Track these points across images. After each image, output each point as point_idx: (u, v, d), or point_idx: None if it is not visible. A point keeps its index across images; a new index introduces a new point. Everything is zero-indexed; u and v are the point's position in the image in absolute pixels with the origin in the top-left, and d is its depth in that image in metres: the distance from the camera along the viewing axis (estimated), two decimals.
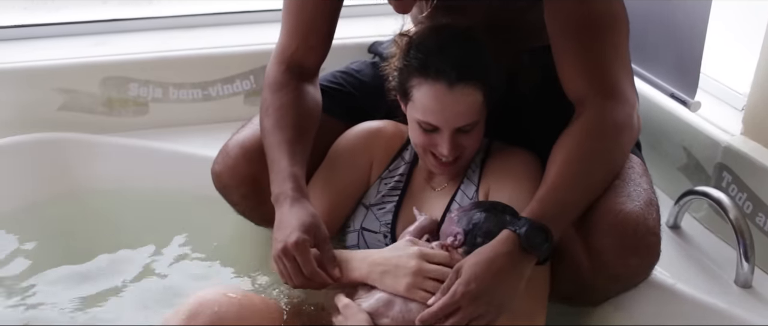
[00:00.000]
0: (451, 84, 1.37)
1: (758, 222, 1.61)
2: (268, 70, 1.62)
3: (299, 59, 1.60)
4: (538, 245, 1.28)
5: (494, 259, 1.27)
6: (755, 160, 1.63)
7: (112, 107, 2.11)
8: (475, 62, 1.39)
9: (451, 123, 1.39)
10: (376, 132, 1.59)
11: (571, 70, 1.44)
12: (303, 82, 1.59)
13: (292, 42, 1.60)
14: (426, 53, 1.40)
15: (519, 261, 1.28)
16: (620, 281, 1.46)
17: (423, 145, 1.45)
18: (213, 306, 1.30)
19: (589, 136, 1.39)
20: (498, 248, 1.28)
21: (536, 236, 1.28)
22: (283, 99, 1.55)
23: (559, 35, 1.44)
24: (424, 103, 1.40)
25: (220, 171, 1.61)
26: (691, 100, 1.71)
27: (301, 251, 1.33)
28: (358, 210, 1.55)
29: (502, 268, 1.27)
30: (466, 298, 1.25)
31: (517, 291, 1.29)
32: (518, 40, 1.52)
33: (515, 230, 1.28)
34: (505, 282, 1.27)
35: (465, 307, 1.25)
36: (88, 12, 2.34)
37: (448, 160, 1.44)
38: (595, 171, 1.39)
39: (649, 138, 1.76)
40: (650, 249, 1.40)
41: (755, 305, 1.49)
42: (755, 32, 1.73)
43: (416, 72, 1.40)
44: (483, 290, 1.25)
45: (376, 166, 1.57)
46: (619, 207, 1.38)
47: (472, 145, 1.45)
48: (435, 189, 1.53)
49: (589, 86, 1.42)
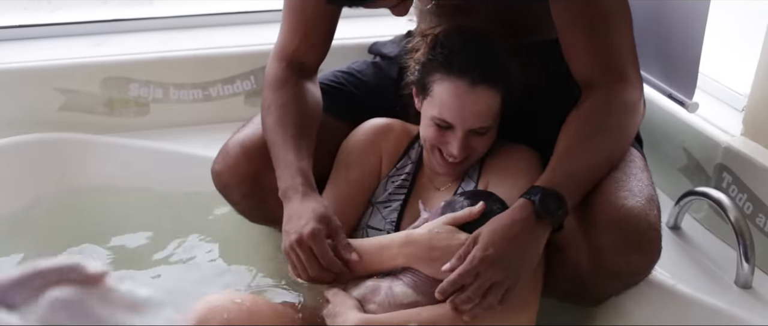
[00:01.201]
0: (473, 82, 1.37)
1: (758, 223, 1.61)
2: (268, 68, 1.62)
3: (300, 57, 1.61)
4: (552, 211, 1.31)
5: (511, 225, 1.29)
6: (755, 161, 1.63)
7: (113, 107, 2.11)
8: (499, 67, 1.40)
9: (467, 122, 1.40)
10: (385, 128, 1.59)
11: (579, 54, 1.46)
12: (303, 79, 1.60)
13: (293, 40, 1.61)
14: (452, 50, 1.40)
15: (535, 227, 1.30)
16: (621, 278, 1.46)
17: (434, 142, 1.45)
18: (222, 313, 1.30)
19: (598, 112, 1.42)
20: (514, 215, 1.30)
21: (550, 202, 1.31)
22: (285, 96, 1.55)
23: (565, 22, 1.46)
24: (444, 98, 1.40)
25: (221, 170, 1.61)
26: (689, 101, 1.71)
27: (317, 240, 1.33)
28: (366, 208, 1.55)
29: (519, 234, 1.29)
30: (484, 263, 1.26)
31: (534, 258, 1.31)
32: (522, 35, 1.53)
33: (530, 197, 1.31)
34: (522, 248, 1.29)
35: (483, 273, 1.26)
36: (88, 12, 2.34)
37: (454, 161, 1.44)
38: (604, 145, 1.42)
39: (649, 138, 1.76)
40: (651, 245, 1.41)
41: (755, 305, 1.50)
42: (755, 33, 1.73)
43: (440, 67, 1.41)
44: (501, 255, 1.27)
45: (386, 163, 1.57)
46: (620, 203, 1.38)
47: (482, 148, 1.46)
48: (439, 188, 1.53)
49: (597, 69, 1.45)
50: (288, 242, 1.35)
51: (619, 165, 1.47)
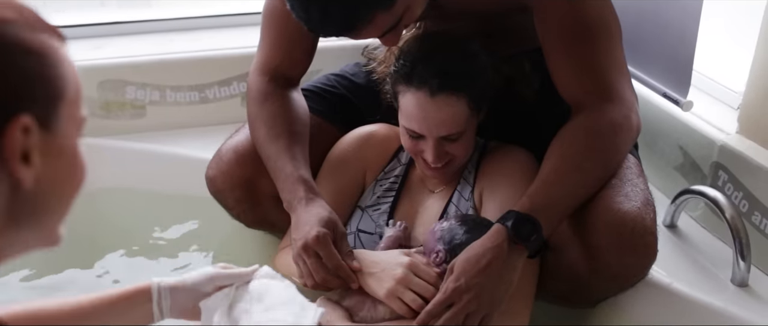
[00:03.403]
0: (432, 92, 1.37)
1: (754, 221, 1.61)
2: (251, 82, 1.61)
3: (283, 71, 1.61)
4: (525, 236, 1.29)
5: (483, 254, 1.28)
6: (751, 159, 1.63)
7: (110, 110, 2.11)
8: (459, 72, 1.39)
9: (433, 131, 1.40)
10: (367, 137, 1.59)
11: (565, 75, 1.44)
12: (287, 90, 1.59)
13: (275, 55, 1.60)
14: (412, 61, 1.40)
15: (509, 254, 1.28)
16: (618, 280, 1.46)
17: (411, 151, 1.46)
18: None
19: (585, 134, 1.40)
20: (487, 242, 1.29)
21: (523, 227, 1.29)
22: (271, 108, 1.55)
23: (549, 42, 1.44)
24: (409, 110, 1.40)
25: (214, 175, 1.61)
26: (683, 100, 1.71)
27: (323, 245, 1.32)
28: (354, 213, 1.55)
29: (491, 262, 1.27)
30: (456, 294, 1.26)
31: (510, 285, 1.29)
32: (513, 43, 1.53)
33: (504, 222, 1.29)
34: (496, 276, 1.27)
35: (457, 303, 1.26)
36: (85, 15, 2.34)
37: (435, 166, 1.44)
38: (590, 168, 1.39)
39: (645, 137, 1.76)
40: (648, 249, 1.41)
41: (751, 304, 1.49)
42: (750, 30, 1.73)
43: (402, 79, 1.41)
44: (473, 284, 1.25)
45: (371, 171, 1.57)
46: (616, 207, 1.38)
47: (460, 153, 1.45)
48: (433, 191, 1.53)
49: (584, 90, 1.43)
50: (295, 250, 1.35)
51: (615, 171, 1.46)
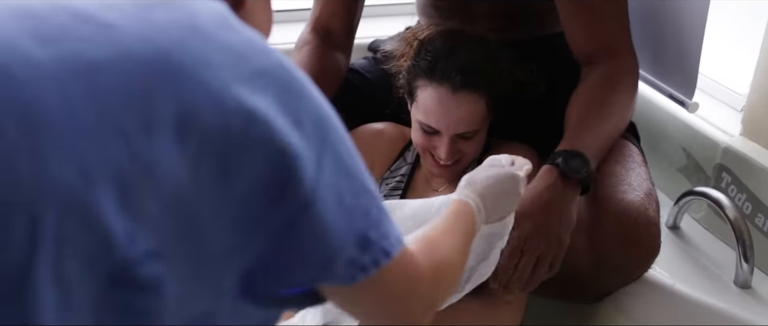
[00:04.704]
0: (454, 89, 1.37)
1: (757, 223, 1.61)
2: (300, 34, 1.70)
3: (323, 23, 1.68)
4: (577, 168, 1.33)
5: (539, 194, 1.30)
6: (754, 161, 1.63)
7: None
8: (481, 70, 1.39)
9: (451, 128, 1.40)
10: (375, 135, 1.59)
11: (579, 31, 1.51)
12: (327, 45, 1.65)
13: (316, 7, 1.69)
14: (435, 56, 1.40)
15: (563, 190, 1.31)
16: (621, 272, 1.46)
17: (423, 147, 1.46)
18: None
19: (601, 88, 1.48)
20: (540, 183, 1.32)
21: (573, 161, 1.33)
22: (301, 55, 1.61)
23: (568, 8, 1.51)
24: (427, 105, 1.40)
25: None
26: (689, 101, 1.71)
27: None
28: None
29: (549, 201, 1.30)
30: (522, 240, 1.27)
31: (571, 222, 1.32)
32: (535, 27, 1.54)
33: (553, 162, 1.33)
34: (556, 214, 1.30)
35: (526, 249, 1.27)
36: None
37: (445, 163, 1.44)
38: (610, 114, 1.47)
39: (648, 139, 1.76)
40: (651, 240, 1.42)
41: (754, 305, 1.49)
42: (755, 33, 1.73)
43: (423, 73, 1.41)
44: (540, 225, 1.28)
45: (378, 169, 1.57)
46: (620, 197, 1.40)
47: (471, 151, 1.46)
48: (436, 190, 1.53)
49: (596, 46, 1.50)
50: None
51: (618, 159, 1.48)
